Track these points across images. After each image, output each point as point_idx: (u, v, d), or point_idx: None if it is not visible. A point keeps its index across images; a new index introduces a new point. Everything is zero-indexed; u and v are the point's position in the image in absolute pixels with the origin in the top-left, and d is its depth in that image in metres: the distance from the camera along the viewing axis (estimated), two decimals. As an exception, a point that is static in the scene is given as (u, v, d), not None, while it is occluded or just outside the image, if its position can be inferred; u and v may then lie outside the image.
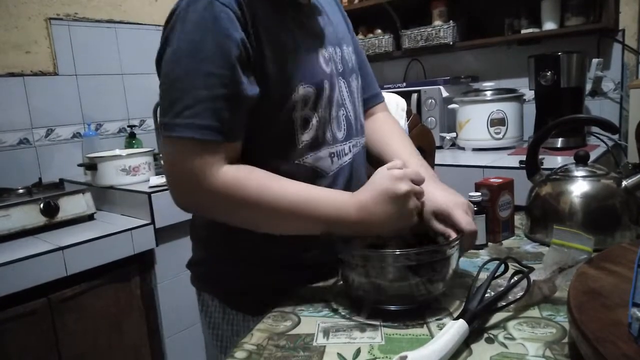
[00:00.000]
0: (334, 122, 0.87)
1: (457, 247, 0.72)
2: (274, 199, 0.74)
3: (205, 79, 0.71)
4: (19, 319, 1.37)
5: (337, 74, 0.89)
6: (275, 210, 0.74)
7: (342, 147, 0.89)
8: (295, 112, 0.80)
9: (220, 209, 0.76)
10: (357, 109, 0.95)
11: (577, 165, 0.99)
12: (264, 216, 0.75)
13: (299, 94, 0.79)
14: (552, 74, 1.94)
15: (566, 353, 0.59)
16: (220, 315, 0.92)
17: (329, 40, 0.89)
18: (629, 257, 0.67)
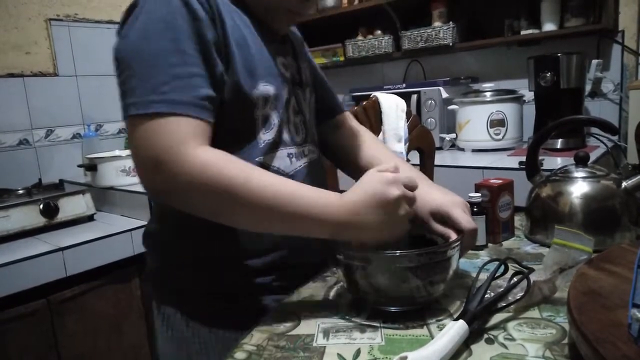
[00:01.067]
0: (291, 126, 0.87)
1: (458, 248, 0.73)
2: (257, 186, 0.67)
3: (181, 56, 0.69)
4: (18, 319, 1.37)
5: (294, 82, 0.89)
6: (258, 199, 0.67)
7: (301, 149, 0.88)
8: (257, 110, 0.79)
9: (197, 193, 0.67)
10: (312, 121, 0.95)
11: (576, 166, 0.99)
12: (244, 205, 0.68)
13: (259, 91, 0.78)
14: (551, 75, 1.94)
15: (566, 354, 0.59)
16: (184, 328, 0.85)
17: (286, 51, 0.90)
18: (628, 258, 0.67)
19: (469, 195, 0.99)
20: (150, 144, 0.66)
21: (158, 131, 0.66)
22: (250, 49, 0.78)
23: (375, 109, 1.35)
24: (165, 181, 0.67)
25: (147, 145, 0.67)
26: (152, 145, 0.66)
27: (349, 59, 2.66)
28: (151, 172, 0.67)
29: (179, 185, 0.67)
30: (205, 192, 0.67)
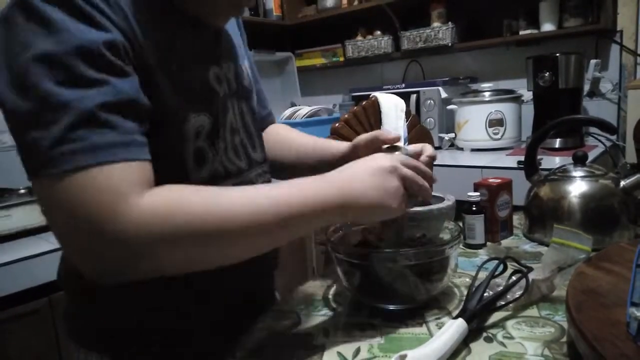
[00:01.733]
0: (230, 152, 0.73)
1: (457, 246, 0.73)
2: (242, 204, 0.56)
3: (84, 85, 0.51)
4: (20, 318, 1.37)
5: (230, 95, 0.73)
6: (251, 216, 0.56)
7: (248, 176, 0.75)
8: (187, 145, 0.65)
9: (160, 248, 0.52)
10: (252, 133, 0.80)
11: (575, 166, 1.00)
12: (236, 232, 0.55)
13: (190, 123, 0.64)
14: (550, 74, 1.95)
15: (564, 352, 0.59)
16: None
17: (221, 54, 0.73)
18: (627, 257, 0.67)
19: (468, 195, 0.99)
20: (81, 210, 0.49)
21: (87, 188, 0.50)
22: (180, 70, 0.64)
23: (375, 108, 1.35)
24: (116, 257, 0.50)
25: (76, 213, 0.50)
26: (85, 211, 0.49)
27: (348, 59, 2.67)
28: (94, 243, 0.50)
29: (135, 258, 0.51)
30: (170, 247, 0.52)
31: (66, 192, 0.50)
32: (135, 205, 0.51)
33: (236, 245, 0.57)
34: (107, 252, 0.50)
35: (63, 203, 0.50)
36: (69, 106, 0.50)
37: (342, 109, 2.60)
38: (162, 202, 0.52)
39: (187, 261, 0.55)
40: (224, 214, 0.54)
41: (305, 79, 2.96)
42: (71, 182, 0.50)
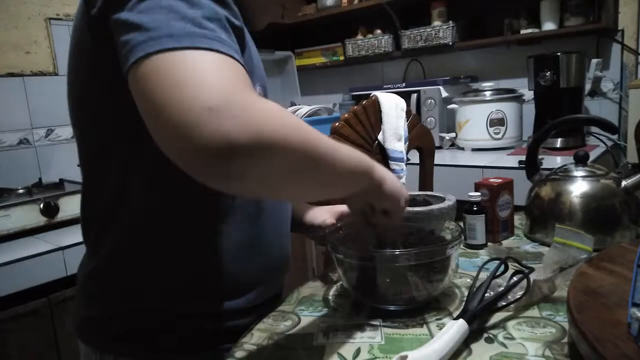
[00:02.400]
0: None
1: (457, 247, 0.73)
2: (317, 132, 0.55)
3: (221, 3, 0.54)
4: (19, 319, 1.37)
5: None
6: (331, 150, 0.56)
7: None
8: None
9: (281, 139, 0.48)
10: None
11: (576, 165, 0.99)
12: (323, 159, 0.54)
13: (256, 91, 0.70)
14: (551, 74, 1.94)
15: (566, 353, 0.59)
16: None
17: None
18: (628, 257, 0.67)
19: (469, 195, 0.99)
20: (206, 81, 0.45)
21: (216, 67, 0.47)
22: (248, 43, 0.69)
23: (375, 108, 1.35)
24: (241, 130, 0.44)
25: (201, 83, 0.45)
26: (210, 82, 0.45)
27: (348, 59, 2.66)
28: (216, 120, 0.44)
29: (261, 135, 0.46)
30: (293, 144, 0.49)
31: (197, 64, 0.47)
32: (257, 98, 0.49)
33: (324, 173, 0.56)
34: (231, 123, 0.44)
35: (194, 70, 0.46)
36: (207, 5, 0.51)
37: (342, 108, 2.60)
38: (276, 106, 0.50)
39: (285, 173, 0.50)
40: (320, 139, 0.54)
41: (305, 79, 2.95)
42: (202, 56, 0.47)
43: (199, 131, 0.43)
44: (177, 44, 0.47)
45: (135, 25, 0.49)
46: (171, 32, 0.47)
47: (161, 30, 0.47)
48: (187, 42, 0.47)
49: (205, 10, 0.50)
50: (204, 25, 0.49)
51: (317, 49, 2.83)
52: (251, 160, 0.46)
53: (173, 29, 0.47)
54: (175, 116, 0.44)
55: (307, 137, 0.51)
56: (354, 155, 0.62)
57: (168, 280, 0.71)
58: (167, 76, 0.46)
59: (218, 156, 0.44)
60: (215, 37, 0.49)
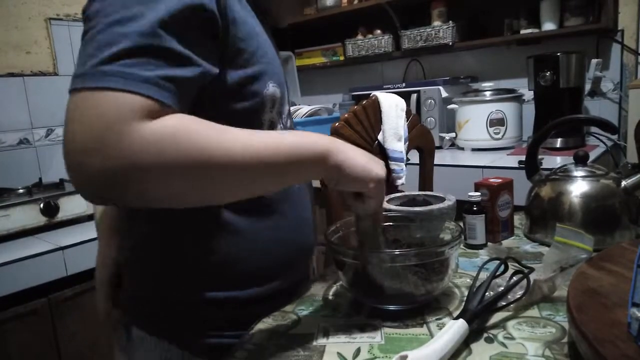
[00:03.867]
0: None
1: (457, 247, 0.73)
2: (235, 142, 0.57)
3: (156, 25, 0.55)
4: (19, 319, 1.37)
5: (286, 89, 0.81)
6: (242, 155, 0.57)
7: None
8: (265, 114, 0.72)
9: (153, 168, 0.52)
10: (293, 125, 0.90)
11: (576, 166, 0.99)
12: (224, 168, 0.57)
13: (269, 91, 0.71)
14: (551, 74, 1.94)
15: (565, 353, 0.59)
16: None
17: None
18: (628, 257, 0.67)
19: (469, 195, 0.99)
20: (88, 121, 0.51)
21: (101, 107, 0.52)
22: (260, 42, 0.71)
23: (375, 108, 1.35)
24: (104, 167, 0.51)
25: (84, 122, 0.51)
26: (91, 122, 0.51)
27: (348, 59, 2.66)
28: (86, 158, 0.51)
29: (126, 168, 0.51)
30: (167, 168, 0.53)
31: (94, 104, 0.52)
32: (139, 128, 0.52)
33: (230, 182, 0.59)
34: (96, 162, 0.51)
35: (86, 111, 0.52)
36: (133, 36, 0.54)
37: (342, 108, 2.60)
38: (161, 130, 0.53)
39: (180, 191, 0.56)
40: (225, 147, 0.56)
41: (305, 78, 2.95)
42: (103, 98, 0.52)
43: (71, 166, 0.52)
44: (81, 84, 0.53)
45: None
46: (83, 71, 0.53)
47: (80, 68, 0.54)
48: (89, 82, 0.52)
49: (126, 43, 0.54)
50: (113, 62, 0.53)
51: (317, 49, 2.83)
52: (121, 189, 0.52)
53: (86, 68, 0.53)
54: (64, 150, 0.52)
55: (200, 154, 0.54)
56: (299, 146, 0.62)
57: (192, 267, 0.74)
58: (68, 114, 0.53)
59: (90, 187, 0.53)
60: (117, 73, 0.53)
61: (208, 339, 0.75)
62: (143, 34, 0.55)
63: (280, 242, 0.78)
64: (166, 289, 0.76)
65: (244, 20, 0.67)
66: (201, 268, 0.74)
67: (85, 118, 0.51)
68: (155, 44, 0.55)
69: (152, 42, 0.55)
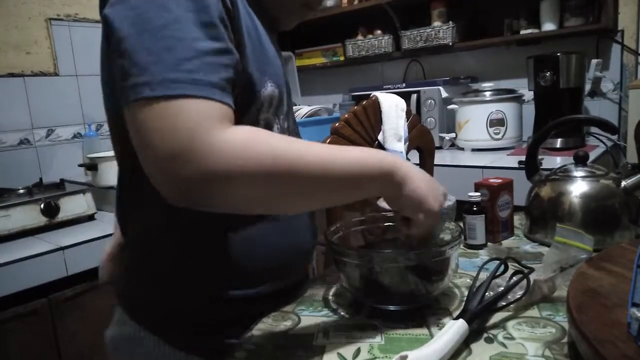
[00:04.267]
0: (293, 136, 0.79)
1: (457, 247, 0.73)
2: (311, 154, 0.59)
3: (204, 28, 0.57)
4: (19, 319, 1.37)
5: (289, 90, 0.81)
6: (316, 169, 0.60)
7: None
8: (261, 113, 0.71)
9: (241, 178, 0.55)
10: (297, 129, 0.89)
11: (576, 166, 0.99)
12: (303, 180, 0.59)
13: (267, 91, 0.70)
14: (551, 74, 1.94)
15: (565, 353, 0.59)
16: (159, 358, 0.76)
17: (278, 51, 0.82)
18: (628, 257, 0.67)
19: (469, 195, 0.99)
20: (171, 128, 0.53)
21: (182, 114, 0.53)
22: (261, 40, 0.71)
23: (375, 108, 1.35)
24: (194, 174, 0.53)
25: (167, 130, 0.53)
26: (174, 129, 0.53)
27: (348, 59, 2.66)
28: (175, 166, 0.53)
29: (216, 175, 0.53)
30: (253, 175, 0.55)
31: (162, 116, 0.54)
32: (222, 136, 0.54)
33: (307, 194, 0.61)
34: (185, 171, 0.53)
35: (160, 122, 0.53)
36: (186, 41, 0.56)
37: (342, 108, 2.60)
38: (245, 138, 0.56)
39: (260, 198, 0.58)
40: (304, 161, 0.58)
41: (306, 79, 2.95)
42: (168, 108, 0.54)
43: (163, 171, 0.54)
44: (152, 93, 0.54)
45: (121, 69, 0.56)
46: (147, 80, 0.54)
47: (141, 78, 0.54)
48: (161, 91, 0.54)
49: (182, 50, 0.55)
50: (178, 69, 0.55)
51: (317, 49, 2.83)
52: (210, 194, 0.55)
53: (149, 76, 0.54)
54: (148, 158, 0.55)
55: (280, 166, 0.57)
56: (359, 161, 0.64)
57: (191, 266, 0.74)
58: (144, 123, 0.54)
59: (180, 191, 0.54)
60: (186, 79, 0.54)
61: (199, 338, 0.74)
62: (195, 38, 0.56)
63: (277, 245, 0.77)
64: (164, 287, 0.75)
65: (246, 17, 0.68)
66: (198, 267, 0.74)
67: (166, 127, 0.53)
68: (207, 46, 0.57)
69: (204, 45, 0.57)
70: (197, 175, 0.53)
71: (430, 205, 0.69)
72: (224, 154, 0.53)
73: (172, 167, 0.53)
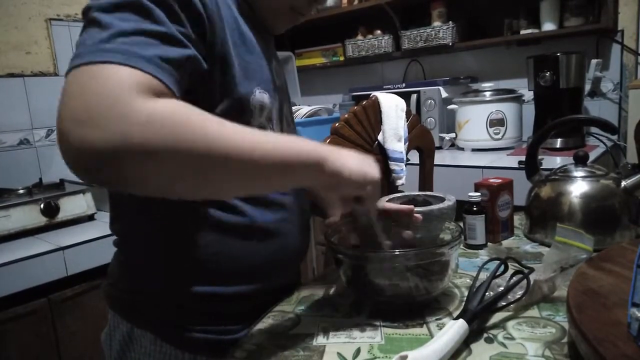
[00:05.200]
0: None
1: (457, 247, 0.73)
2: (235, 134, 0.56)
3: (153, 15, 0.57)
4: (19, 319, 1.37)
5: (279, 89, 0.82)
6: (241, 148, 0.56)
7: None
8: (253, 120, 0.72)
9: (159, 149, 0.50)
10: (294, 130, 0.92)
11: (576, 166, 0.99)
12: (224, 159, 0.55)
13: (256, 97, 0.72)
14: (551, 74, 1.94)
15: (565, 353, 0.59)
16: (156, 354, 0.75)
17: (273, 54, 0.84)
18: (628, 257, 0.67)
19: (469, 195, 0.99)
20: (88, 91, 0.50)
21: (102, 78, 0.51)
22: (247, 49, 0.72)
23: (375, 108, 1.35)
24: (99, 140, 0.48)
25: (82, 94, 0.50)
26: (90, 92, 0.50)
27: (348, 59, 2.66)
28: (82, 130, 0.48)
29: (124, 144, 0.48)
30: (168, 146, 0.50)
31: (90, 78, 0.51)
32: (145, 102, 0.51)
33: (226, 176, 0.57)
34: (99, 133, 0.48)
35: (82, 85, 0.51)
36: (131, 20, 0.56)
37: (342, 108, 2.60)
38: (170, 104, 0.53)
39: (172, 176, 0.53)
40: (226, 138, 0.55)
41: (305, 79, 2.95)
42: (97, 72, 0.51)
43: (67, 136, 0.48)
44: (80, 61, 0.52)
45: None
46: (81, 52, 0.53)
47: (79, 49, 0.54)
48: (88, 58, 0.52)
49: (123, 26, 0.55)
50: (112, 41, 0.53)
51: (317, 49, 2.83)
52: (119, 167, 0.49)
53: (85, 48, 0.53)
54: (57, 122, 0.50)
55: (195, 138, 0.52)
56: (292, 149, 0.61)
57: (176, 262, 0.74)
58: (65, 88, 0.51)
59: (85, 160, 0.49)
60: (117, 50, 0.53)
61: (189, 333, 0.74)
62: (138, 20, 0.56)
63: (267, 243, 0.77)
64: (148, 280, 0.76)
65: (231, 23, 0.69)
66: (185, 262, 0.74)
67: (86, 90, 0.50)
68: (151, 27, 0.56)
69: (148, 26, 0.56)
70: (103, 139, 0.48)
71: (371, 173, 0.68)
72: (135, 121, 0.49)
73: (77, 131, 0.48)
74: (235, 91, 0.69)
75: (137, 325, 0.76)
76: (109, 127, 0.48)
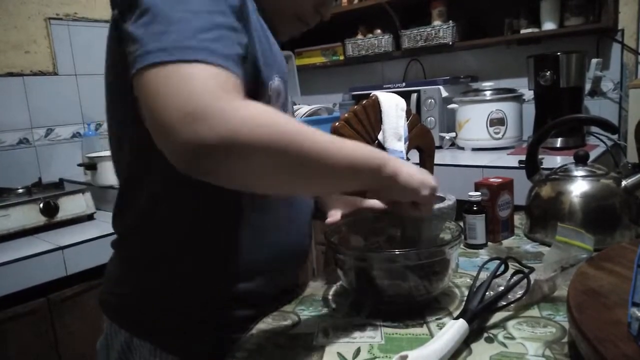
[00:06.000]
0: None
1: (457, 247, 0.73)
2: (318, 135, 0.59)
3: (219, 5, 0.58)
4: (18, 318, 1.37)
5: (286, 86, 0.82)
6: (325, 149, 0.59)
7: None
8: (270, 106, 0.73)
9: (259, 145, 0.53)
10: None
11: (576, 165, 0.99)
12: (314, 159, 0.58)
13: (275, 84, 0.72)
14: (551, 74, 1.94)
15: (566, 352, 0.59)
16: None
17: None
18: (628, 257, 0.67)
19: (469, 194, 0.99)
20: (189, 90, 0.51)
21: (200, 77, 0.52)
22: (266, 36, 0.72)
23: (375, 107, 1.35)
24: (210, 135, 0.50)
25: (184, 92, 0.51)
26: (192, 91, 0.51)
27: (348, 58, 2.66)
28: (191, 127, 0.50)
29: (232, 139, 0.51)
30: (267, 144, 0.53)
31: (180, 77, 0.52)
32: (235, 102, 0.53)
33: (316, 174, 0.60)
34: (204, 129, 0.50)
35: (176, 83, 0.52)
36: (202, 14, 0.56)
37: (342, 108, 2.59)
38: (257, 108, 0.55)
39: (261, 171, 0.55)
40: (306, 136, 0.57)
41: (305, 78, 2.95)
42: (186, 69, 0.53)
43: (177, 133, 0.50)
44: (168, 58, 0.53)
45: (137, 39, 0.55)
46: (164, 46, 0.53)
47: (157, 44, 0.54)
48: (178, 55, 0.53)
49: (199, 21, 0.56)
50: (195, 37, 0.54)
51: (317, 48, 2.83)
52: (225, 160, 0.52)
53: (167, 43, 0.54)
54: (161, 120, 0.51)
55: (290, 139, 0.55)
56: (358, 153, 0.64)
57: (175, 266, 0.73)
58: (158, 87, 0.52)
59: (194, 155, 0.51)
60: (203, 47, 0.54)
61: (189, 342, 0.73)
62: (211, 12, 0.57)
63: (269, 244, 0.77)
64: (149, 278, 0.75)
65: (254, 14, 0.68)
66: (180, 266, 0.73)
67: (181, 89, 0.51)
68: (223, 21, 0.57)
69: (221, 20, 0.57)
70: (213, 136, 0.50)
71: (429, 180, 0.73)
72: (239, 119, 0.52)
73: (188, 128, 0.50)
74: (259, 77, 0.69)
75: (136, 334, 0.74)
76: (218, 124, 0.50)
